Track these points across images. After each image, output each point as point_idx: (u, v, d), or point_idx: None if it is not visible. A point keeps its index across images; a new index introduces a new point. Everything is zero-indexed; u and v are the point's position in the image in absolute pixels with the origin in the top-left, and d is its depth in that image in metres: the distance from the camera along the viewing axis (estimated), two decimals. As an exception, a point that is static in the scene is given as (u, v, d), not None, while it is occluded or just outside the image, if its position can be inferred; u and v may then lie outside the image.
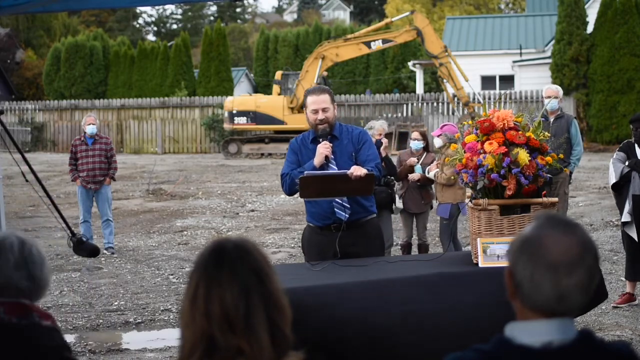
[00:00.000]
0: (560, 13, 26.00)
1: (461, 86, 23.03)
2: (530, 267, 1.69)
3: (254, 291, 1.71)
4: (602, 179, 16.37)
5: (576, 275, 1.67)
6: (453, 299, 4.07)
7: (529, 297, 1.70)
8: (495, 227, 4.20)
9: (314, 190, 4.52)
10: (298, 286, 3.88)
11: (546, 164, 4.25)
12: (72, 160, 10.35)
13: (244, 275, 1.72)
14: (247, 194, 16.03)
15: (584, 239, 1.70)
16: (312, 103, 4.83)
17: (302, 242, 5.05)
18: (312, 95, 4.87)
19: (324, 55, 23.88)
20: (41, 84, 36.74)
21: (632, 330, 6.26)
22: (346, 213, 4.74)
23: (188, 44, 33.74)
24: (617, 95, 25.15)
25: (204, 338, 1.67)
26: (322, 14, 64.95)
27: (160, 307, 7.45)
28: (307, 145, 4.89)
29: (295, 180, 4.70)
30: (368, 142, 4.90)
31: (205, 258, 1.77)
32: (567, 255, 1.67)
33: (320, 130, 4.81)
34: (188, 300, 1.72)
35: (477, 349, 1.74)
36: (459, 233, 8.63)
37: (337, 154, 4.79)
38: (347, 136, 4.87)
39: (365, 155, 4.81)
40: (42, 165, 22.33)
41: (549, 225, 1.71)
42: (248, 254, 1.76)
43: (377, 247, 4.89)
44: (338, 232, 4.70)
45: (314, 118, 4.81)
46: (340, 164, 4.76)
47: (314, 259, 4.65)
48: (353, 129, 4.98)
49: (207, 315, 1.68)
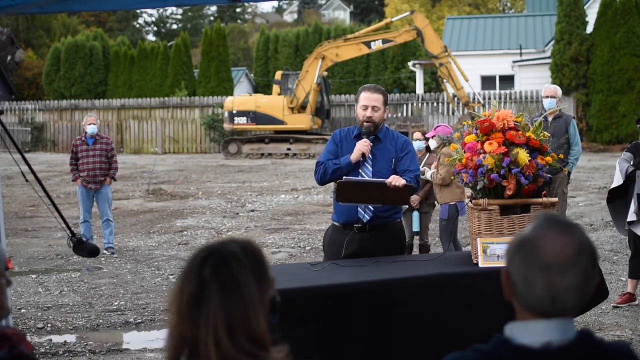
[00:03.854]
0: (560, 13, 26.00)
1: (461, 86, 23.03)
2: (524, 267, 1.68)
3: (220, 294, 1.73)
4: (602, 179, 16.37)
5: (570, 276, 1.66)
6: (453, 298, 4.08)
7: (523, 297, 1.70)
8: (495, 227, 4.20)
9: (351, 195, 4.52)
10: (298, 286, 3.87)
11: (546, 164, 4.25)
12: (72, 160, 10.35)
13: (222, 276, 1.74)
14: (247, 194, 16.03)
15: (580, 240, 1.69)
16: (364, 99, 4.83)
17: (324, 240, 5.05)
18: (366, 92, 4.86)
19: (324, 55, 23.88)
20: (41, 84, 36.73)
21: (632, 330, 6.26)
22: (367, 215, 4.71)
23: (188, 44, 33.73)
24: (617, 95, 25.14)
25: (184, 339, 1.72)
26: (322, 14, 64.93)
27: (160, 307, 7.44)
28: (350, 139, 4.87)
29: (328, 170, 4.72)
30: (411, 152, 4.87)
31: (194, 259, 1.79)
32: (561, 256, 1.66)
33: (365, 127, 4.78)
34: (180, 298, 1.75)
35: (476, 349, 1.74)
36: (459, 233, 8.62)
37: (377, 156, 4.76)
38: (392, 142, 4.84)
39: (406, 165, 4.76)
40: (42, 165, 22.33)
41: (545, 225, 1.71)
42: (223, 262, 1.78)
43: (395, 252, 4.82)
44: (360, 232, 4.70)
45: (362, 114, 4.80)
46: (378, 168, 4.74)
47: (333, 257, 4.66)
48: (399, 135, 4.95)
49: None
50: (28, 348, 2.27)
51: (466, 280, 4.11)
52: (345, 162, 4.71)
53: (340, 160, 4.74)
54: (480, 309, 4.02)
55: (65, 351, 6.17)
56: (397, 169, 4.75)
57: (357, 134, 4.86)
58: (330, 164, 4.75)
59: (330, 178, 4.75)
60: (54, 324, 6.94)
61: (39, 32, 46.90)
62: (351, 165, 4.70)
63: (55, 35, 45.46)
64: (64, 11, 4.49)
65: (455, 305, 4.07)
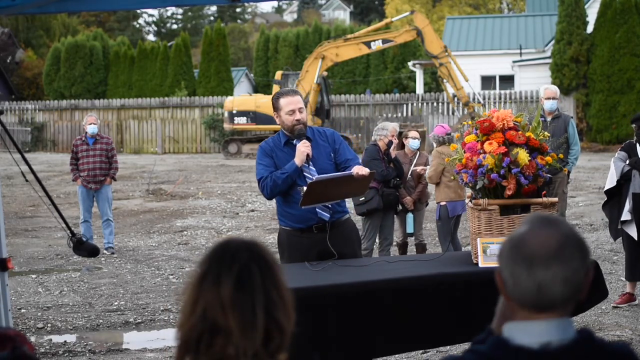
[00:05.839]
0: (560, 13, 25.99)
1: (461, 86, 23.03)
2: (511, 262, 1.70)
3: (258, 288, 1.73)
4: (602, 179, 16.35)
5: (554, 267, 1.66)
6: (453, 298, 4.08)
7: (512, 292, 1.71)
8: (495, 227, 4.20)
9: (315, 197, 4.43)
10: (297, 286, 3.87)
11: (546, 164, 4.25)
12: (73, 160, 10.36)
13: (250, 273, 1.75)
14: (247, 194, 16.03)
15: (565, 233, 1.70)
16: (288, 104, 4.72)
17: (280, 247, 4.89)
18: (286, 97, 4.76)
19: (324, 55, 23.87)
20: (41, 84, 36.72)
21: (632, 330, 6.26)
22: (328, 213, 4.68)
23: (188, 44, 33.72)
24: (617, 95, 25.14)
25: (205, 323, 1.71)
26: (322, 14, 64.90)
27: (160, 307, 7.44)
28: (281, 147, 4.78)
29: (278, 181, 4.61)
30: (343, 142, 4.89)
31: (212, 253, 1.80)
32: (544, 248, 1.67)
33: (297, 130, 4.71)
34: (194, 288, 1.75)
35: (474, 350, 1.73)
36: (458, 233, 8.63)
37: (314, 155, 4.70)
38: (321, 137, 4.82)
39: (346, 155, 4.77)
40: (42, 165, 22.32)
41: (531, 223, 1.73)
42: (255, 252, 1.79)
43: (355, 247, 4.85)
44: (320, 232, 4.65)
45: (291, 119, 4.70)
46: (320, 165, 4.69)
47: (297, 262, 4.57)
48: (323, 129, 4.94)
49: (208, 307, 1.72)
50: (30, 349, 2.27)
51: (466, 280, 4.11)
52: (291, 168, 4.63)
53: (285, 168, 4.65)
54: (480, 308, 4.02)
55: (65, 351, 6.17)
56: (337, 161, 4.75)
57: (286, 140, 4.79)
58: (277, 174, 4.64)
59: (281, 189, 4.65)
60: (54, 324, 6.94)
61: (39, 32, 46.86)
62: (298, 170, 4.64)
63: (55, 35, 45.42)
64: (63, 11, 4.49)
65: (455, 305, 4.07)
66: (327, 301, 3.92)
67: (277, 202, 4.85)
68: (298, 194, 4.60)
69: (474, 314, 4.03)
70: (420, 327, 4.10)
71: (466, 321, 4.08)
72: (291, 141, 4.76)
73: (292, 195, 4.67)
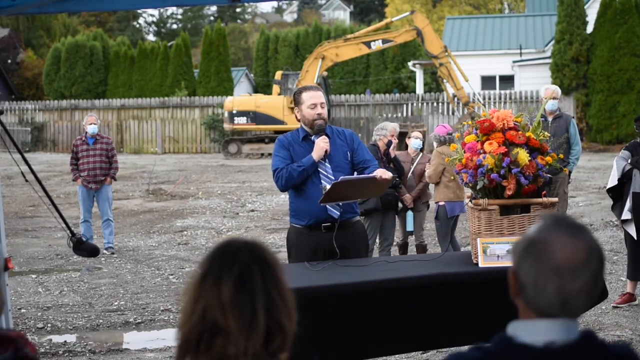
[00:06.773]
0: (560, 13, 25.99)
1: (461, 86, 23.03)
2: (535, 270, 1.67)
3: (259, 288, 1.73)
4: (602, 179, 16.36)
5: (580, 280, 1.65)
6: (453, 298, 4.08)
7: (532, 300, 1.69)
8: (495, 227, 4.20)
9: (337, 194, 4.45)
10: (297, 286, 3.87)
11: (546, 164, 4.25)
12: (73, 160, 10.36)
13: (252, 273, 1.75)
14: (247, 194, 16.02)
15: (591, 244, 1.68)
16: (310, 98, 4.77)
17: (289, 245, 4.93)
18: (308, 91, 4.81)
19: (324, 55, 23.88)
20: (41, 84, 36.72)
21: (632, 330, 6.26)
22: (338, 211, 4.68)
23: (188, 44, 33.73)
24: (617, 95, 25.14)
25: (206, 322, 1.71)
26: (322, 14, 64.93)
27: (160, 307, 7.44)
28: (298, 142, 4.80)
29: (293, 174, 4.63)
30: (362, 142, 4.93)
31: (213, 254, 1.79)
32: (573, 260, 1.65)
33: (317, 125, 4.74)
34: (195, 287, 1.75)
35: (479, 348, 1.74)
36: (458, 233, 8.63)
37: (331, 153, 4.73)
38: (339, 136, 4.84)
39: (364, 156, 4.80)
40: (42, 165, 22.32)
41: (555, 228, 1.69)
42: (256, 252, 1.79)
43: (360, 250, 4.84)
44: (328, 232, 4.65)
45: (312, 113, 4.74)
46: (336, 163, 4.72)
47: (305, 260, 4.58)
48: (342, 130, 4.96)
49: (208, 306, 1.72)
50: (32, 351, 2.28)
51: (466, 280, 4.11)
52: (309, 162, 4.65)
53: (302, 162, 4.67)
54: (480, 308, 4.02)
55: (65, 351, 6.17)
56: (354, 161, 4.77)
57: (304, 135, 4.81)
58: (293, 166, 4.66)
59: (295, 181, 4.67)
60: (54, 324, 6.93)
61: (39, 32, 46.88)
62: (315, 164, 4.66)
63: (55, 35, 45.43)
64: (63, 11, 4.48)
65: (455, 305, 4.07)
66: (328, 301, 3.92)
67: (290, 198, 4.88)
68: (311, 189, 4.64)
69: (475, 314, 4.03)
70: (421, 327, 4.10)
71: (466, 321, 4.08)
72: (310, 137, 4.78)
73: (305, 190, 4.70)
